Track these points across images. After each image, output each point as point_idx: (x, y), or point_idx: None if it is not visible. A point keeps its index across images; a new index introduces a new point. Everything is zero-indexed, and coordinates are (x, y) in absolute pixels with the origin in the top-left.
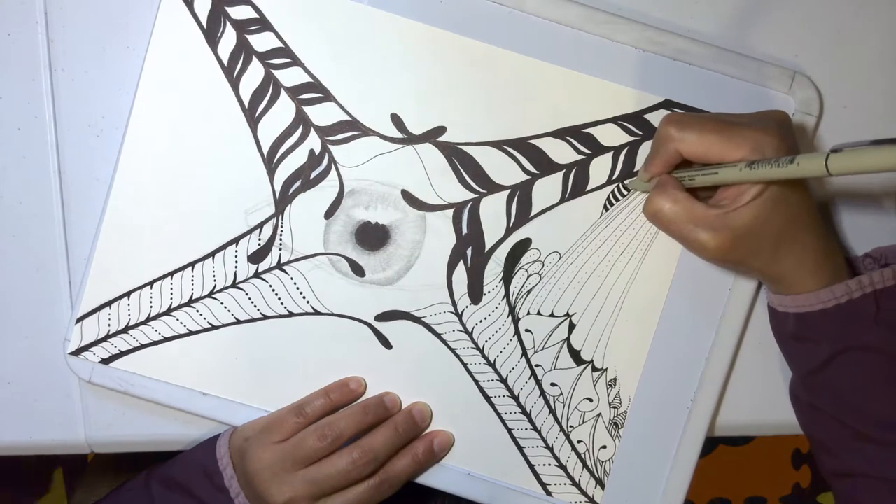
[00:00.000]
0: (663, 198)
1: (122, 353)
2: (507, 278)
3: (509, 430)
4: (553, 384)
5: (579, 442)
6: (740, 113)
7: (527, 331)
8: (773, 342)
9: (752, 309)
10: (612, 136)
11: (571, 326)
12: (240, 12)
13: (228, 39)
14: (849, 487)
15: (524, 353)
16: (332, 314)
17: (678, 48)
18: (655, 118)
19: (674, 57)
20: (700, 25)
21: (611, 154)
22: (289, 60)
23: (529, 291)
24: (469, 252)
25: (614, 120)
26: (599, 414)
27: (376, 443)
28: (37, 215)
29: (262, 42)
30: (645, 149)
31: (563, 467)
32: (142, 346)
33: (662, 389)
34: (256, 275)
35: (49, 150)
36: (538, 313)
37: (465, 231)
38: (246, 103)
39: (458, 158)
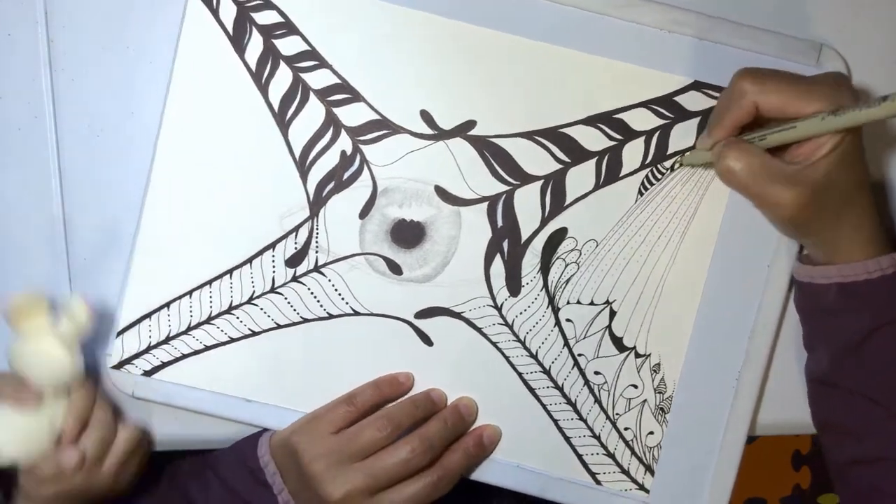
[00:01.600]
0: (738, 153)
1: (164, 364)
2: (545, 269)
3: (555, 421)
4: (597, 372)
5: (626, 429)
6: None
7: (567, 320)
8: (778, 344)
9: (787, 307)
10: (643, 120)
11: (612, 313)
12: (265, 17)
13: (255, 45)
14: (872, 473)
15: (566, 343)
16: (371, 314)
17: (703, 27)
18: (685, 100)
19: (700, 36)
20: (723, 4)
21: (643, 138)
22: (316, 63)
23: (568, 281)
24: (505, 244)
25: (644, 104)
26: (645, 400)
27: (431, 433)
28: (37, 215)
29: (288, 46)
30: (677, 131)
31: (611, 455)
32: (183, 356)
33: (707, 371)
34: (294, 279)
35: (49, 150)
36: (578, 302)
37: (500, 224)
38: (276, 108)
39: (490, 151)
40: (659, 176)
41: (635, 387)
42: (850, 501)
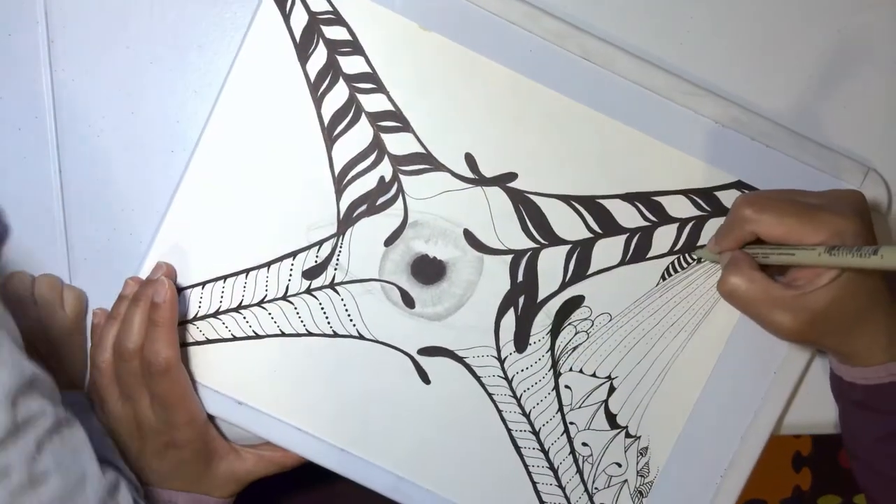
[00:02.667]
0: (739, 277)
1: None
2: (555, 332)
3: (534, 484)
4: (584, 444)
5: None
6: (814, 191)
7: (566, 387)
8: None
9: (794, 395)
10: (680, 207)
11: (611, 389)
12: (334, 32)
13: (319, 57)
14: None
15: (560, 409)
16: (376, 341)
17: (758, 129)
18: (725, 197)
19: (752, 137)
20: (782, 109)
21: (676, 225)
22: (374, 86)
23: (575, 348)
24: (521, 300)
25: (685, 192)
26: (626, 480)
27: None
28: (37, 215)
29: (351, 64)
30: (711, 225)
31: None
32: (184, 345)
33: (692, 465)
34: (308, 291)
35: (49, 150)
36: (580, 371)
37: (520, 279)
38: (326, 122)
39: (525, 207)
40: (685, 265)
41: (619, 465)
42: None
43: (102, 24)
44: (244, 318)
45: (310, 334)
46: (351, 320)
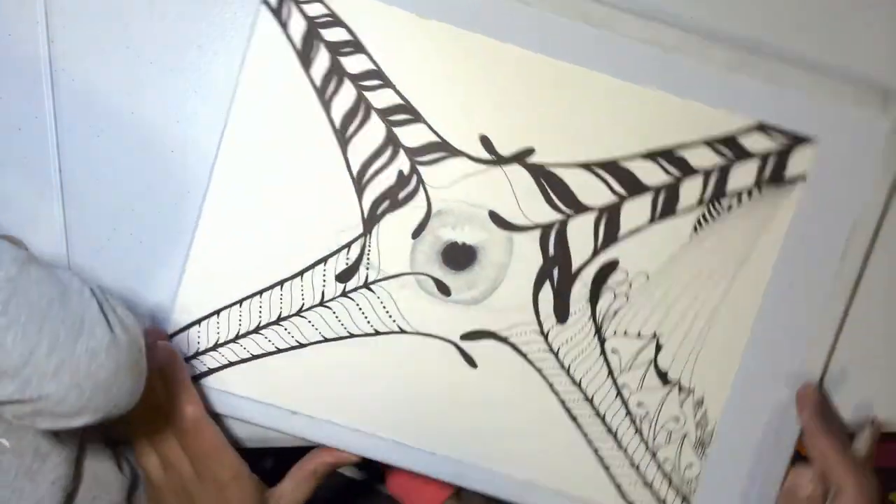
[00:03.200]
0: None
1: (210, 371)
2: (594, 299)
3: (595, 450)
4: (639, 404)
5: (666, 461)
6: None
7: (613, 351)
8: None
9: (841, 329)
10: (703, 158)
11: (658, 347)
12: (334, 34)
13: (322, 61)
14: None
15: (610, 373)
16: (418, 333)
17: (771, 70)
18: (748, 140)
19: (767, 78)
20: (794, 47)
21: (701, 176)
22: (380, 82)
23: (616, 312)
24: (556, 273)
25: (706, 142)
26: (686, 433)
27: None
28: (37, 215)
29: (354, 64)
30: (737, 170)
31: (649, 486)
32: (230, 364)
33: (749, 409)
34: (344, 294)
35: (49, 150)
36: (625, 334)
37: (552, 252)
38: (337, 125)
39: (547, 180)
40: (715, 214)
41: (677, 420)
42: None
43: (102, 24)
44: (286, 329)
45: (352, 336)
46: (390, 316)
